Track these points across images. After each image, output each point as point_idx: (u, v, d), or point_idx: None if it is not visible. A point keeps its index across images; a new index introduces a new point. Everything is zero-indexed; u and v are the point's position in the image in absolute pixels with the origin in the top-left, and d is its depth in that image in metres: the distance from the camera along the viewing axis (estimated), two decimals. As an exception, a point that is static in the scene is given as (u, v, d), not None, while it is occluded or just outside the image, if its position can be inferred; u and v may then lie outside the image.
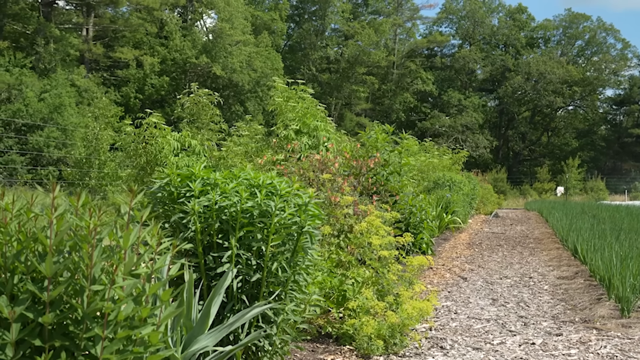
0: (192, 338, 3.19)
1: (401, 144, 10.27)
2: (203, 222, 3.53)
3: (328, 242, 5.51)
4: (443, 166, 17.73)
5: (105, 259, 2.25)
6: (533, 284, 8.06)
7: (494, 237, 14.52)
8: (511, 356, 4.75)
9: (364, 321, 4.73)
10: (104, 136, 17.85)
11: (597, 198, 37.39)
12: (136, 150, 9.85)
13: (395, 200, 8.67)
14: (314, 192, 3.89)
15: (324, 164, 6.85)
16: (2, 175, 23.04)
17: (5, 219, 2.29)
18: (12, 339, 2.09)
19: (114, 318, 2.20)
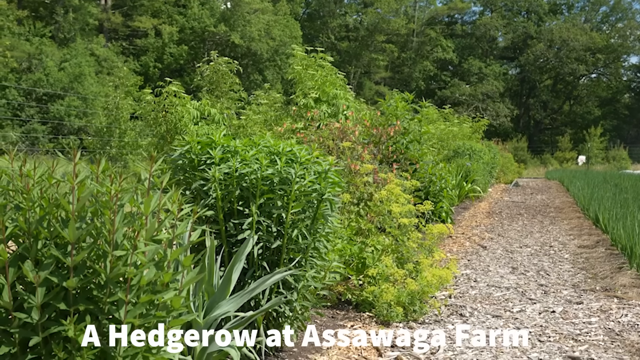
0: (214, 303, 3.22)
1: (421, 112, 10.19)
2: (223, 190, 3.54)
3: (348, 210, 5.51)
4: (463, 135, 17.57)
5: (127, 224, 2.26)
6: (553, 252, 8.02)
7: (514, 206, 14.44)
8: (531, 324, 4.75)
9: (384, 288, 4.74)
10: (124, 105, 17.89)
11: (619, 167, 36.92)
12: (156, 119, 9.87)
13: (415, 169, 8.63)
14: (334, 160, 3.87)
15: (343, 132, 6.82)
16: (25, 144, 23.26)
17: (27, 186, 2.31)
18: (37, 302, 2.11)
19: (137, 283, 2.22)
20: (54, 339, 2.20)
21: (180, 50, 37.88)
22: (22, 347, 2.21)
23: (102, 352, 2.25)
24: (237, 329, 3.18)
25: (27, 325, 2.18)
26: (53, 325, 2.16)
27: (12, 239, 2.23)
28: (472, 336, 4.41)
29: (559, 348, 4.17)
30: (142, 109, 10.47)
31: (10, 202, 2.29)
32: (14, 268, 2.15)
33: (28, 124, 25.18)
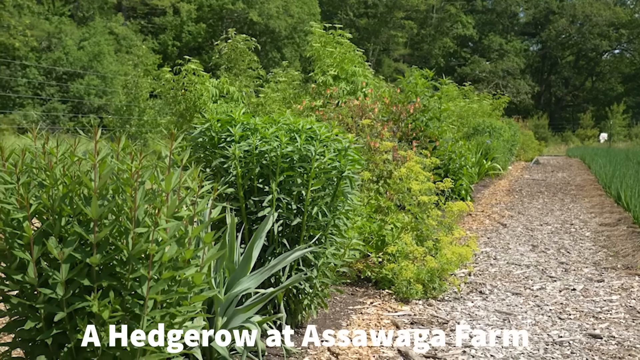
0: (235, 280, 3.25)
1: (441, 89, 10.10)
2: (243, 167, 3.54)
3: (367, 187, 5.50)
4: (483, 112, 17.41)
5: (148, 201, 2.28)
6: (574, 230, 7.97)
7: (534, 183, 14.34)
8: (551, 301, 4.73)
9: (403, 266, 4.75)
10: (143, 84, 17.93)
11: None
12: (175, 97, 9.88)
13: (435, 146, 8.58)
14: (353, 137, 3.86)
15: (362, 110, 6.79)
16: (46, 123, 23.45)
17: (50, 163, 2.33)
18: (62, 278, 2.14)
19: (159, 259, 2.24)
20: (78, 314, 2.23)
21: (198, 28, 37.83)
22: (48, 322, 2.24)
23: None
24: (258, 305, 3.21)
25: (52, 300, 2.21)
26: (77, 300, 2.19)
27: (36, 216, 2.26)
28: (490, 313, 4.41)
29: (580, 326, 4.16)
30: (161, 88, 10.48)
31: (34, 180, 2.31)
32: (39, 245, 2.18)
33: (48, 102, 25.37)
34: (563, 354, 3.64)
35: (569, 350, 3.69)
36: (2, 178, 2.27)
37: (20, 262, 2.23)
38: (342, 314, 4.27)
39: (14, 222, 2.22)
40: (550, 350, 3.69)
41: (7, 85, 24.95)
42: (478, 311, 4.46)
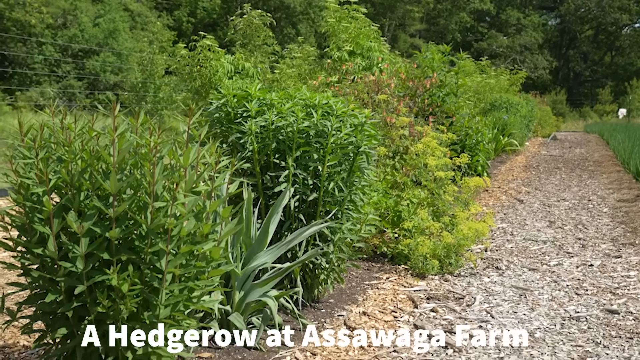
0: (252, 255, 3.27)
1: (457, 64, 10.01)
2: (260, 142, 3.54)
3: (383, 163, 5.49)
4: (500, 87, 17.24)
5: (166, 176, 2.29)
6: (592, 206, 7.92)
7: (551, 159, 14.23)
8: (568, 277, 4.72)
9: (419, 241, 4.75)
10: (159, 60, 17.93)
11: (661, 120, 35.94)
12: (190, 74, 9.88)
13: (452, 122, 8.53)
14: (370, 113, 3.84)
15: (378, 85, 6.75)
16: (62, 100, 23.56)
17: (69, 138, 2.34)
18: (81, 252, 2.17)
19: (177, 234, 2.25)
20: (98, 288, 2.25)
21: (213, 4, 37.65)
22: (68, 295, 2.27)
23: (144, 301, 2.31)
24: (275, 280, 3.23)
25: (72, 274, 2.24)
26: (97, 274, 2.22)
27: (55, 190, 2.28)
28: (507, 289, 4.41)
29: (597, 301, 4.15)
30: (176, 64, 10.48)
31: (53, 155, 2.33)
32: (58, 219, 2.20)
33: (65, 80, 25.46)
34: (580, 329, 3.63)
35: (585, 326, 3.69)
36: (21, 153, 2.29)
37: (41, 236, 2.25)
38: (358, 289, 4.29)
39: (33, 196, 2.24)
40: (567, 325, 3.69)
41: (23, 63, 25.06)
42: (494, 287, 4.46)
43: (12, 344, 3.12)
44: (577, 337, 3.50)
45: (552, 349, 3.32)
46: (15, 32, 24.63)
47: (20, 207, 2.25)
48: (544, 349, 3.31)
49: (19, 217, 2.24)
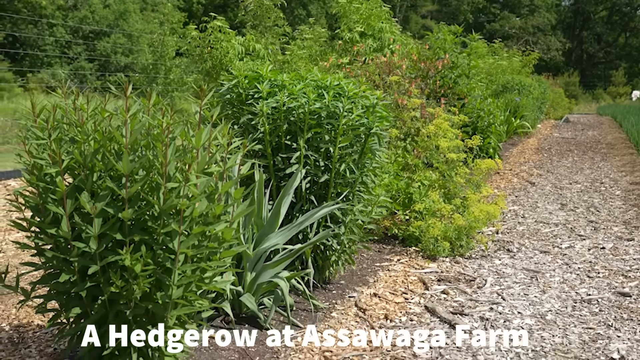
0: (263, 236, 3.28)
1: (469, 46, 9.94)
2: (271, 124, 3.54)
3: (395, 145, 5.47)
4: (512, 69, 17.09)
5: (179, 157, 2.29)
6: (604, 189, 7.87)
7: (563, 142, 14.14)
8: (580, 260, 4.71)
9: (430, 223, 4.74)
10: (169, 42, 17.89)
11: (675, 102, 35.54)
12: (201, 55, 9.86)
13: (463, 104, 8.48)
14: (381, 94, 3.83)
15: (390, 67, 6.71)
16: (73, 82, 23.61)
17: (81, 119, 2.35)
18: (94, 232, 2.18)
19: (189, 214, 2.26)
20: (111, 268, 2.27)
21: (223, -16, 37.46)
22: (82, 275, 2.29)
23: (157, 281, 2.32)
24: (286, 261, 3.24)
25: (85, 254, 2.25)
26: (110, 254, 2.23)
27: (68, 171, 2.29)
28: (518, 271, 4.40)
29: (608, 284, 4.14)
30: (187, 46, 10.45)
31: (65, 136, 2.33)
32: (72, 199, 2.21)
33: (76, 61, 25.49)
34: (591, 311, 3.63)
35: (597, 308, 3.68)
36: (34, 134, 2.30)
37: (54, 216, 2.27)
38: (369, 270, 4.29)
39: (46, 177, 2.25)
40: (579, 307, 3.69)
41: (34, 44, 25.10)
42: (505, 269, 4.46)
43: (27, 323, 3.16)
44: (589, 320, 3.49)
45: (563, 331, 3.32)
46: (27, 13, 24.65)
47: (34, 187, 2.26)
48: (555, 331, 3.31)
49: (32, 197, 2.25)
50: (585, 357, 3.00)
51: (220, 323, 3.15)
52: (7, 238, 4.78)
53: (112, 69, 26.07)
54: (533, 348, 3.08)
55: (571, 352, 3.05)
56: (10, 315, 3.27)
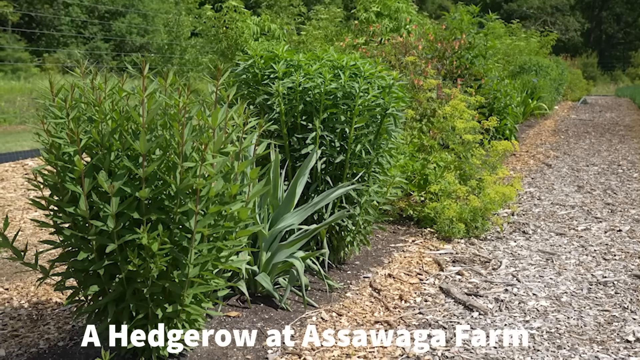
0: (279, 216, 3.29)
1: (487, 26, 9.83)
2: (287, 104, 3.54)
3: (410, 126, 5.45)
4: (530, 50, 16.91)
5: (195, 137, 2.29)
6: (622, 171, 7.80)
7: (581, 124, 14.01)
8: (596, 242, 4.68)
9: (446, 204, 4.73)
10: (185, 22, 17.86)
11: (696, 84, 35.04)
12: (216, 35, 9.84)
13: (480, 85, 8.42)
14: (397, 75, 3.80)
15: (406, 47, 6.66)
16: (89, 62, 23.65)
17: (99, 98, 2.36)
18: (112, 211, 2.20)
19: (206, 194, 2.27)
20: (128, 246, 2.29)
21: (238, -36, 37.26)
22: (100, 253, 2.31)
23: (174, 260, 2.34)
24: (301, 241, 3.25)
25: (103, 232, 2.27)
26: (127, 233, 2.25)
27: (86, 150, 2.30)
28: (533, 253, 4.39)
29: (625, 266, 4.12)
30: (202, 26, 10.44)
31: (83, 115, 2.34)
32: (90, 178, 2.23)
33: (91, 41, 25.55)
34: (607, 294, 3.62)
35: (612, 291, 3.67)
36: (52, 113, 2.31)
37: (72, 195, 2.29)
38: (384, 251, 4.30)
39: (65, 156, 2.26)
40: (594, 290, 3.68)
41: (50, 24, 25.16)
42: (521, 251, 4.45)
43: (45, 301, 3.20)
44: (604, 302, 3.48)
45: (578, 313, 3.31)
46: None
47: (52, 166, 2.28)
48: (570, 313, 3.31)
49: (51, 176, 2.27)
50: (600, 339, 2.99)
51: (236, 302, 3.18)
52: (26, 217, 4.84)
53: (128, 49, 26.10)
54: (548, 330, 3.08)
55: (586, 334, 3.05)
56: (30, 292, 3.31)
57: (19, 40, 23.04)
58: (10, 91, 15.77)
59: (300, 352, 2.71)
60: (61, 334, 2.79)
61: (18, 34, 23.57)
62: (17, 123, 12.07)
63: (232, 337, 2.80)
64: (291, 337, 2.87)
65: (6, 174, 6.45)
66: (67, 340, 2.72)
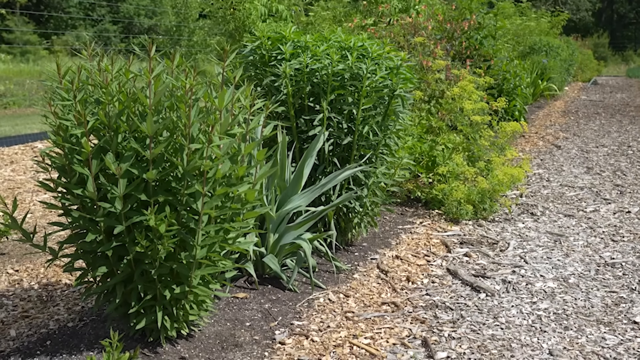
0: (286, 198, 3.29)
1: (496, 6, 9.74)
2: (294, 85, 3.53)
3: (418, 107, 5.43)
4: (540, 30, 16.74)
5: (202, 119, 2.29)
6: (632, 152, 7.76)
7: (591, 105, 13.91)
8: (605, 224, 4.67)
9: (454, 186, 4.73)
10: (193, 3, 17.80)
11: None
12: (224, 17, 9.80)
13: (489, 65, 8.35)
14: (406, 56, 3.78)
15: (415, 28, 6.61)
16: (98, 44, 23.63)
17: (106, 80, 2.36)
18: (120, 193, 2.21)
19: (213, 176, 2.27)
20: (136, 228, 2.30)
21: (246, -55, 36.99)
22: (108, 235, 2.33)
23: (181, 242, 2.36)
24: (309, 223, 3.26)
25: (111, 214, 2.28)
26: (135, 215, 2.26)
27: (93, 132, 2.31)
28: (541, 234, 4.38)
29: (633, 248, 4.11)
30: (210, 7, 10.39)
31: (91, 97, 2.35)
32: (97, 160, 2.23)
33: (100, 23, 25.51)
34: (614, 275, 3.61)
35: (620, 272, 3.66)
36: (60, 95, 2.32)
37: (80, 177, 2.30)
38: (391, 233, 4.31)
39: (72, 138, 2.27)
40: (602, 271, 3.67)
41: (59, 7, 25.13)
42: (529, 232, 4.44)
43: (55, 282, 3.23)
44: (612, 284, 3.48)
45: (585, 294, 3.31)
46: (50, -25, 24.63)
47: (60, 148, 2.29)
48: (577, 294, 3.31)
49: (58, 158, 2.28)
50: (607, 320, 2.99)
51: (243, 283, 3.20)
52: (35, 199, 4.87)
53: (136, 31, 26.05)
54: (555, 311, 3.09)
55: (593, 315, 3.05)
56: (39, 274, 3.34)
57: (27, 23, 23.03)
58: (19, 74, 15.81)
59: (307, 333, 2.73)
60: (71, 315, 2.81)
61: (26, 17, 23.55)
62: (27, 106, 12.11)
63: (240, 318, 2.82)
64: (299, 318, 2.88)
65: (16, 156, 6.49)
66: (76, 321, 2.75)
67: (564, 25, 20.43)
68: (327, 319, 2.90)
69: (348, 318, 2.92)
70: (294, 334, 2.73)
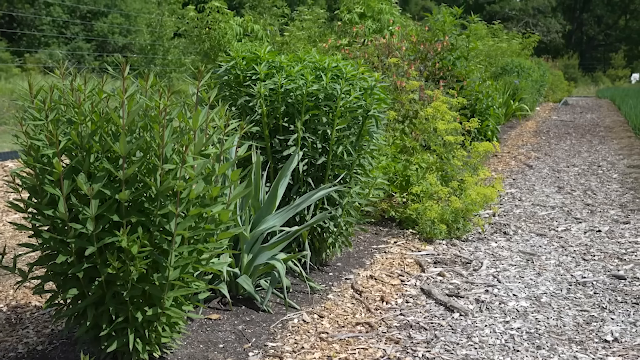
0: (260, 218, 3.29)
1: (469, 27, 9.89)
2: (269, 105, 3.53)
3: (392, 127, 5.47)
4: (512, 51, 17.02)
5: (176, 139, 2.29)
6: (602, 172, 7.88)
7: (562, 125, 14.13)
8: (576, 242, 4.73)
9: (428, 206, 4.75)
10: (168, 22, 17.80)
11: (675, 86, 35.43)
12: (199, 36, 9.80)
13: (462, 86, 8.46)
14: (380, 76, 3.82)
15: (389, 48, 6.68)
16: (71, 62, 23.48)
17: (79, 100, 2.34)
18: (91, 214, 2.18)
19: (186, 196, 2.26)
20: (108, 249, 2.28)
21: (222, -35, 37.15)
22: (79, 256, 2.30)
23: (154, 263, 2.33)
24: (283, 243, 3.25)
25: (82, 235, 2.26)
26: (107, 235, 2.24)
27: (65, 152, 2.29)
28: (514, 254, 4.42)
29: (604, 267, 4.16)
30: (185, 26, 10.40)
31: (63, 117, 2.33)
32: (69, 180, 2.21)
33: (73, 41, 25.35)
34: (586, 294, 3.65)
35: (592, 291, 3.70)
36: (31, 115, 2.29)
37: (51, 197, 2.27)
38: (365, 252, 4.31)
39: (44, 158, 2.25)
40: (573, 290, 3.71)
41: (32, 24, 24.93)
42: (502, 251, 4.48)
43: (24, 304, 3.17)
44: (583, 302, 3.52)
45: (557, 313, 3.34)
46: (23, -8, 24.46)
47: (31, 168, 2.26)
48: (549, 313, 3.34)
49: (29, 178, 2.25)
50: (579, 339, 3.02)
51: (217, 304, 3.17)
52: (5, 219, 4.79)
53: (110, 49, 25.92)
54: (527, 330, 3.11)
55: (565, 334, 3.08)
56: (8, 296, 3.28)
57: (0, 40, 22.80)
58: (-9, 91, 15.60)
59: (281, 355, 2.71)
60: (40, 338, 2.76)
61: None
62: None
63: (213, 339, 2.80)
64: (272, 339, 2.87)
65: (-15, 175, 6.38)
66: (46, 344, 2.70)
67: (535, 47, 20.80)
68: (301, 339, 2.88)
69: (322, 339, 2.91)
70: (268, 355, 2.71)
